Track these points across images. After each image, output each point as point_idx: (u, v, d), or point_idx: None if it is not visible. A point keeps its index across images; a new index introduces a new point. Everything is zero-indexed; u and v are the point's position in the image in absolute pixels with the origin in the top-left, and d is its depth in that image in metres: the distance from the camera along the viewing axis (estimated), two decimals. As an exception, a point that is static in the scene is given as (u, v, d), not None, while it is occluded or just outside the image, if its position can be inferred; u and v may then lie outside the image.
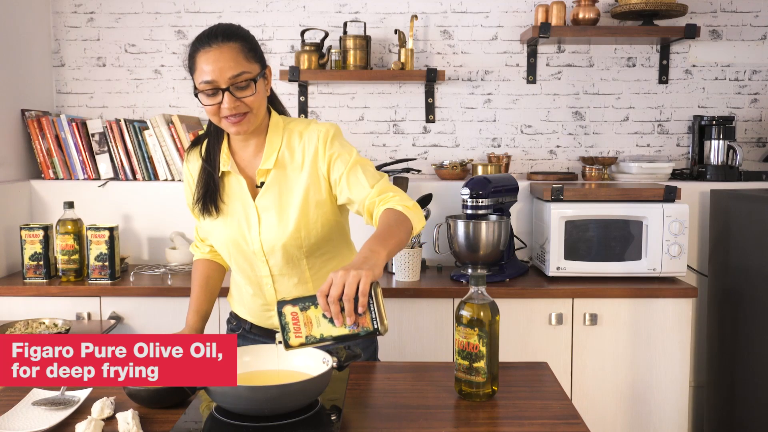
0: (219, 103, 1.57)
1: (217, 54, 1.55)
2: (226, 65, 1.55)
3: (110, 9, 3.22)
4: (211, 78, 1.55)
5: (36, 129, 3.00)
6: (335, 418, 1.33)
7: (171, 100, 3.26)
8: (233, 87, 1.56)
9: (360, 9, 3.19)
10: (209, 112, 1.60)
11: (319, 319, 1.30)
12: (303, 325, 1.31)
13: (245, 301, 1.82)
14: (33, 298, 2.62)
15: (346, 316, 1.28)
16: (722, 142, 3.04)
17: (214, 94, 1.57)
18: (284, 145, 1.69)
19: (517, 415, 1.42)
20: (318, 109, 3.23)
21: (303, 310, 1.31)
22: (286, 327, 1.32)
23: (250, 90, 1.58)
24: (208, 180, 1.70)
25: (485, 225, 2.66)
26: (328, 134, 1.67)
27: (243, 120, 1.60)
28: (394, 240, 1.47)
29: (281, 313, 1.32)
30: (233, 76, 1.55)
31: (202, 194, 1.71)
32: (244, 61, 1.58)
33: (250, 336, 1.83)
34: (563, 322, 2.59)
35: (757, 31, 3.19)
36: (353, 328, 1.29)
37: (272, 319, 1.77)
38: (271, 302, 1.75)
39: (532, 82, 3.21)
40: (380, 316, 1.29)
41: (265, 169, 1.67)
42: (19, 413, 1.41)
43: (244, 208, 1.69)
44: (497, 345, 1.48)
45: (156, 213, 3.00)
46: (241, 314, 1.85)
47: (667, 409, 2.61)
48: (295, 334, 1.32)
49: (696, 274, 2.98)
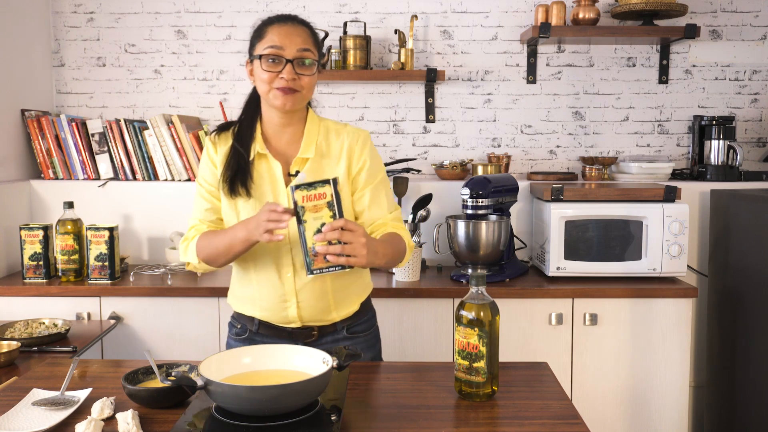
0: (278, 72, 1.65)
1: (290, 29, 1.67)
2: (297, 39, 1.66)
3: (110, 9, 3.22)
4: (280, 44, 1.64)
5: (36, 129, 3.00)
6: (335, 418, 1.33)
7: (171, 100, 3.26)
8: (297, 61, 1.65)
9: (360, 9, 3.19)
10: (263, 80, 1.66)
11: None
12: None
13: (258, 295, 1.77)
14: (33, 298, 2.62)
15: (324, 249, 1.49)
16: (722, 142, 3.05)
17: (276, 62, 1.65)
18: (321, 138, 1.76)
19: (517, 415, 1.42)
20: (318, 109, 3.21)
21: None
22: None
23: (309, 70, 1.67)
24: (238, 161, 1.72)
25: (485, 225, 2.65)
26: (367, 139, 1.79)
27: (292, 96, 1.67)
28: (390, 260, 1.70)
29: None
30: (300, 49, 1.65)
31: (231, 175, 1.72)
32: (311, 43, 1.69)
33: (257, 338, 1.81)
34: (563, 322, 2.59)
35: (757, 31, 3.19)
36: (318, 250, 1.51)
37: (287, 311, 1.75)
38: (289, 293, 1.73)
39: (532, 82, 3.21)
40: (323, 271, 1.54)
41: (303, 158, 1.72)
42: (19, 413, 1.41)
43: (275, 193, 1.72)
44: (497, 345, 1.48)
45: (156, 213, 3.00)
46: (248, 312, 1.80)
47: (667, 409, 2.61)
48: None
49: (696, 274, 2.98)
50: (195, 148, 2.97)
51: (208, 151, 1.80)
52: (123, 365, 1.74)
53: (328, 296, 1.76)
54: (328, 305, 1.76)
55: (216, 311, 2.61)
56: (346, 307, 1.80)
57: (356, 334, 1.84)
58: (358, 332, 1.84)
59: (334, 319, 1.79)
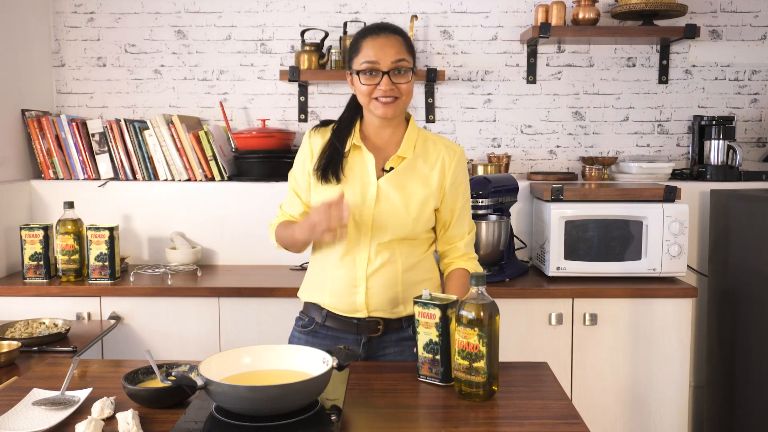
0: (376, 84, 1.73)
1: (384, 41, 1.74)
2: (391, 51, 1.73)
3: (110, 9, 3.22)
4: (375, 59, 1.72)
5: (36, 129, 3.00)
6: (335, 418, 1.33)
7: (171, 100, 3.26)
8: (393, 71, 1.73)
9: (360, 9, 3.19)
10: (363, 93, 1.75)
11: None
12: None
13: (329, 281, 1.82)
14: (33, 298, 2.62)
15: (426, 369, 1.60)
16: (722, 142, 3.04)
17: (374, 74, 1.73)
18: (420, 143, 1.84)
19: (517, 415, 1.42)
20: (318, 109, 3.23)
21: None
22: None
23: (405, 77, 1.75)
24: (333, 152, 1.80)
25: (485, 225, 2.66)
26: (462, 156, 1.87)
27: (392, 104, 1.75)
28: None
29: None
30: (395, 60, 1.73)
31: (325, 163, 1.80)
32: (405, 52, 1.76)
33: (322, 331, 1.84)
34: (563, 322, 2.59)
35: (757, 31, 3.19)
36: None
37: (356, 296, 1.78)
38: (360, 278, 1.78)
39: (532, 82, 3.21)
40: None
41: (400, 156, 1.80)
42: (19, 413, 1.41)
43: (364, 184, 1.78)
44: (497, 345, 1.48)
45: (156, 213, 3.00)
46: (317, 300, 1.85)
47: (667, 409, 2.61)
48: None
49: (696, 274, 2.98)
50: (195, 148, 2.97)
51: (304, 143, 1.88)
52: (123, 365, 1.74)
53: (397, 287, 1.79)
54: (396, 296, 1.79)
55: (216, 311, 2.61)
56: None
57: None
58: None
59: (401, 314, 1.81)
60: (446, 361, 1.55)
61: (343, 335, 1.81)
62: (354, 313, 1.80)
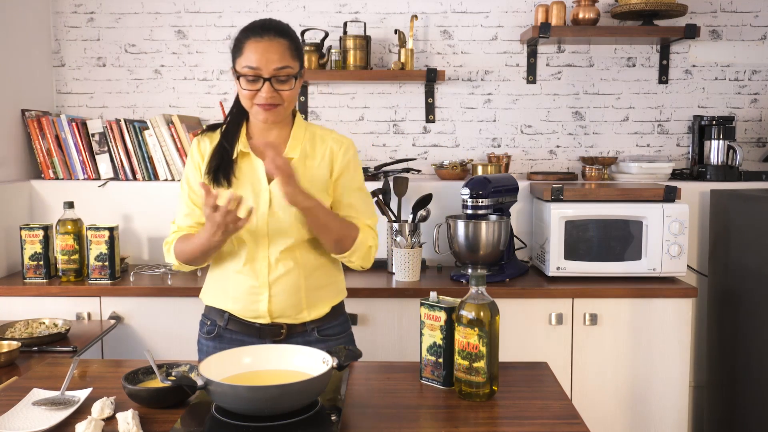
0: (257, 90, 1.68)
1: (267, 45, 1.67)
2: (273, 57, 1.67)
3: (110, 9, 3.22)
4: (256, 65, 1.66)
5: (36, 129, 3.00)
6: (335, 418, 1.33)
7: (171, 100, 3.26)
8: (274, 79, 1.68)
9: (360, 9, 3.19)
10: (245, 97, 1.71)
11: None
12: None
13: (231, 287, 1.80)
14: (33, 298, 2.62)
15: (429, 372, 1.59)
16: (722, 142, 3.04)
17: (255, 80, 1.68)
18: (307, 141, 1.80)
19: (517, 415, 1.42)
20: (318, 109, 3.23)
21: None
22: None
23: (288, 84, 1.70)
24: (222, 155, 1.77)
25: (485, 225, 2.66)
26: (350, 147, 1.83)
27: (274, 110, 1.71)
28: (331, 227, 1.74)
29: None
30: (277, 68, 1.67)
31: (215, 167, 1.77)
32: (289, 57, 1.70)
33: (226, 335, 1.82)
34: (563, 322, 2.59)
35: (757, 31, 3.19)
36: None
37: (258, 303, 1.76)
38: (262, 284, 1.76)
39: (532, 82, 3.21)
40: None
41: (287, 158, 1.75)
42: (19, 413, 1.41)
43: (256, 191, 1.75)
44: (497, 345, 1.48)
45: (156, 213, 3.00)
46: (219, 305, 1.83)
47: (667, 409, 2.61)
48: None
49: (696, 274, 2.98)
50: (195, 148, 2.97)
51: (192, 149, 1.84)
52: (123, 365, 1.74)
53: (300, 293, 1.78)
54: (299, 302, 1.78)
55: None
56: (317, 308, 1.81)
57: (329, 337, 1.84)
58: (331, 335, 1.85)
59: (305, 319, 1.80)
60: (449, 365, 1.55)
61: (247, 339, 1.78)
62: (256, 319, 1.78)
